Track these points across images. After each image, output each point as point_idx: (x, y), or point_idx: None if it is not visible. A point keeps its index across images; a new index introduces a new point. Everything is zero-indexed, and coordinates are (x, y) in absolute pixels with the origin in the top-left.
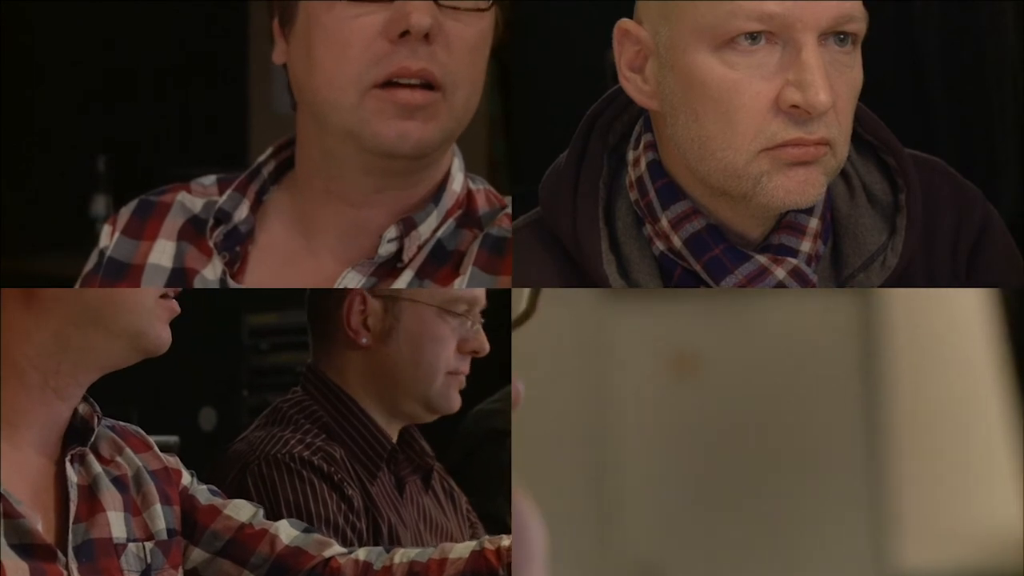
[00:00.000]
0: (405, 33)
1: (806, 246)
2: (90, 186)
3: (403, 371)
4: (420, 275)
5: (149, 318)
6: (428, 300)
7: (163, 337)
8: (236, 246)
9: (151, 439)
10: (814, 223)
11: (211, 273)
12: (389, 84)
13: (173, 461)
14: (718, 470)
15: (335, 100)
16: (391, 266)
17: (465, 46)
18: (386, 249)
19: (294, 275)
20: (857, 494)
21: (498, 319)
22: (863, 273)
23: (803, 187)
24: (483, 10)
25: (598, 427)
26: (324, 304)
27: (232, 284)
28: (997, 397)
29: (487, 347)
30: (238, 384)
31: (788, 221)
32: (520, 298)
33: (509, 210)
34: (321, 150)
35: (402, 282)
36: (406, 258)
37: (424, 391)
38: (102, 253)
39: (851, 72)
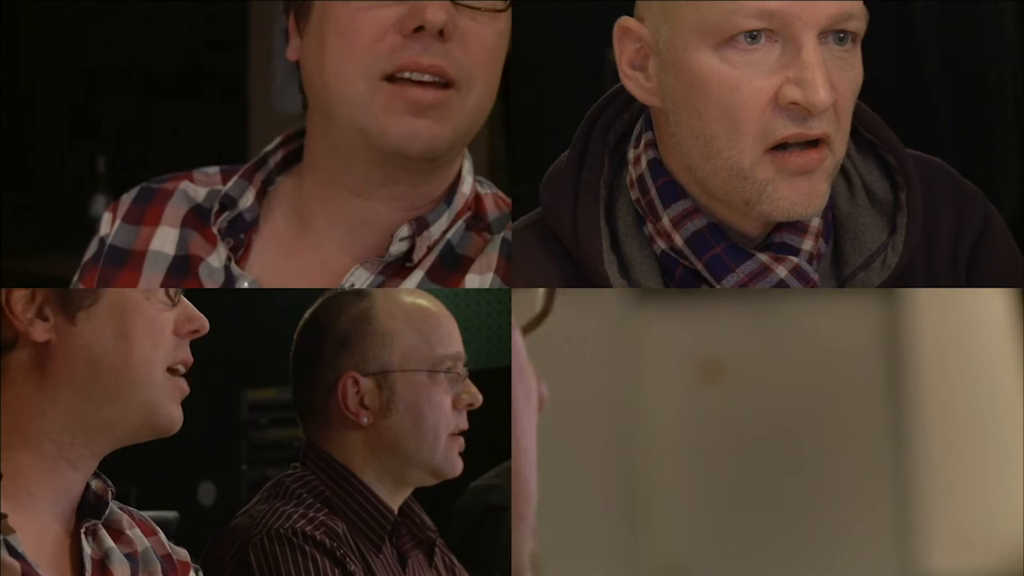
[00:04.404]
0: (419, 29)
1: (808, 244)
2: (90, 186)
3: (407, 441)
4: (431, 277)
5: (161, 395)
6: (417, 366)
7: (175, 415)
8: (240, 233)
9: (157, 525)
10: (816, 221)
11: (216, 260)
12: (400, 80)
13: (182, 553)
14: (744, 473)
15: (344, 92)
16: (400, 265)
17: (481, 46)
18: (397, 248)
19: (298, 267)
20: (883, 498)
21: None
22: (863, 272)
23: (807, 199)
24: (500, 11)
25: (624, 431)
26: (312, 391)
27: (236, 272)
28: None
29: (480, 398)
30: (237, 459)
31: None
32: (535, 299)
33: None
34: (329, 146)
35: (412, 282)
36: (416, 258)
37: (429, 457)
38: (102, 241)
39: (851, 71)
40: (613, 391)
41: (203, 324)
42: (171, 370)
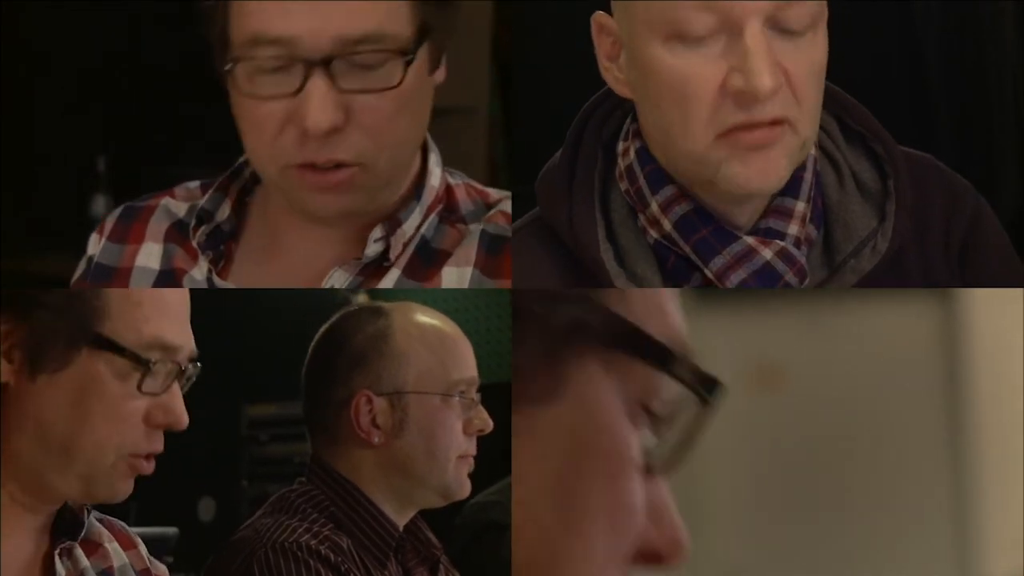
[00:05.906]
0: None
1: (793, 229)
2: (90, 186)
3: (418, 462)
4: (407, 274)
5: (107, 473)
6: (431, 389)
7: (117, 492)
8: (220, 245)
9: (138, 538)
10: (800, 206)
11: (199, 273)
12: (305, 165)
13: (161, 569)
14: (799, 477)
15: (260, 170)
16: (377, 265)
17: (380, 117)
18: (373, 249)
19: (279, 274)
20: (940, 502)
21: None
22: (854, 259)
23: (762, 175)
24: (393, 87)
25: None
26: (324, 407)
27: (219, 283)
28: None
29: (491, 424)
30: (238, 474)
31: (775, 206)
32: None
33: (506, 207)
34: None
35: (388, 281)
36: (392, 257)
37: (439, 479)
38: (90, 260)
39: (809, 51)
40: None
41: (178, 421)
42: (132, 456)
